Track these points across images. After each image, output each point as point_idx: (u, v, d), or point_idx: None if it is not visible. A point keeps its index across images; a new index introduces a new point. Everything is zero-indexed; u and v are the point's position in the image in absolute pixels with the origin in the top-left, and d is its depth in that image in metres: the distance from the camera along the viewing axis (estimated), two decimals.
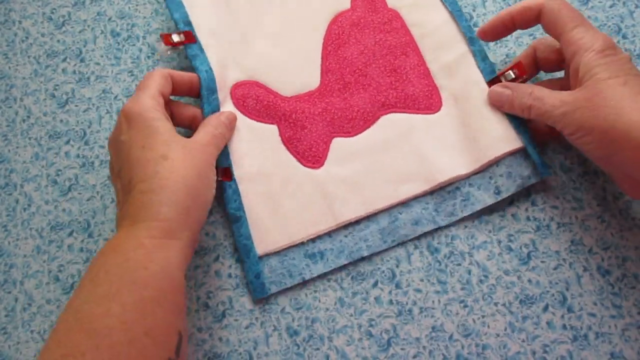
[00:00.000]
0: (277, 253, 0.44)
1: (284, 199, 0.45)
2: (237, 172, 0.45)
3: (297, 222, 0.45)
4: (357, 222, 0.45)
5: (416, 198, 0.45)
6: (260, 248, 0.44)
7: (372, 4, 0.51)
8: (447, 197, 0.45)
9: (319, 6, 0.51)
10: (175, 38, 0.46)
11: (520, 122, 0.44)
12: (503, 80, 0.45)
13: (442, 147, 0.46)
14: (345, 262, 0.44)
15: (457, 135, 0.46)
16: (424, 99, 0.47)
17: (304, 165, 0.46)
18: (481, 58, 0.47)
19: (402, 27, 0.50)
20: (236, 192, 0.45)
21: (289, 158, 0.46)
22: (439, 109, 0.47)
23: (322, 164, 0.46)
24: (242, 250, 0.44)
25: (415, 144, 0.46)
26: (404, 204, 0.45)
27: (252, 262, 0.43)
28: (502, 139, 0.44)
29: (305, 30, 0.50)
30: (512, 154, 0.44)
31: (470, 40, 0.47)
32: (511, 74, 0.45)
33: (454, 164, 0.45)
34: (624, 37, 0.49)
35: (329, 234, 0.45)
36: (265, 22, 0.51)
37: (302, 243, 0.45)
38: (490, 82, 0.46)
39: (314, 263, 0.44)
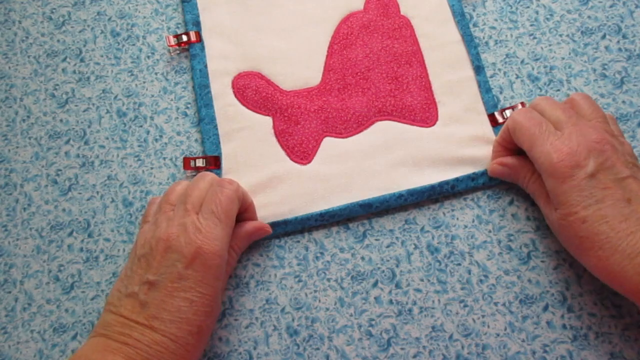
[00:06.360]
0: None
1: (267, 191, 0.46)
2: (224, 162, 0.46)
3: (274, 215, 0.45)
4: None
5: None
6: None
7: (385, 8, 0.51)
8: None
9: (331, 4, 0.51)
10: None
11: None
12: (500, 118, 0.46)
13: (430, 162, 0.46)
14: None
15: (448, 154, 0.46)
16: (421, 111, 0.48)
17: (292, 160, 0.47)
18: (485, 90, 0.48)
19: (411, 36, 0.50)
20: None
21: (278, 151, 0.47)
22: (434, 124, 0.47)
23: (310, 161, 0.47)
24: None
25: (404, 154, 0.46)
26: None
27: None
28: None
29: (314, 26, 0.51)
30: None
31: (477, 69, 0.48)
32: (511, 112, 0.46)
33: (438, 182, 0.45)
34: (624, 37, 0.49)
35: None
36: (275, 15, 0.51)
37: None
38: (490, 116, 0.47)
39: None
